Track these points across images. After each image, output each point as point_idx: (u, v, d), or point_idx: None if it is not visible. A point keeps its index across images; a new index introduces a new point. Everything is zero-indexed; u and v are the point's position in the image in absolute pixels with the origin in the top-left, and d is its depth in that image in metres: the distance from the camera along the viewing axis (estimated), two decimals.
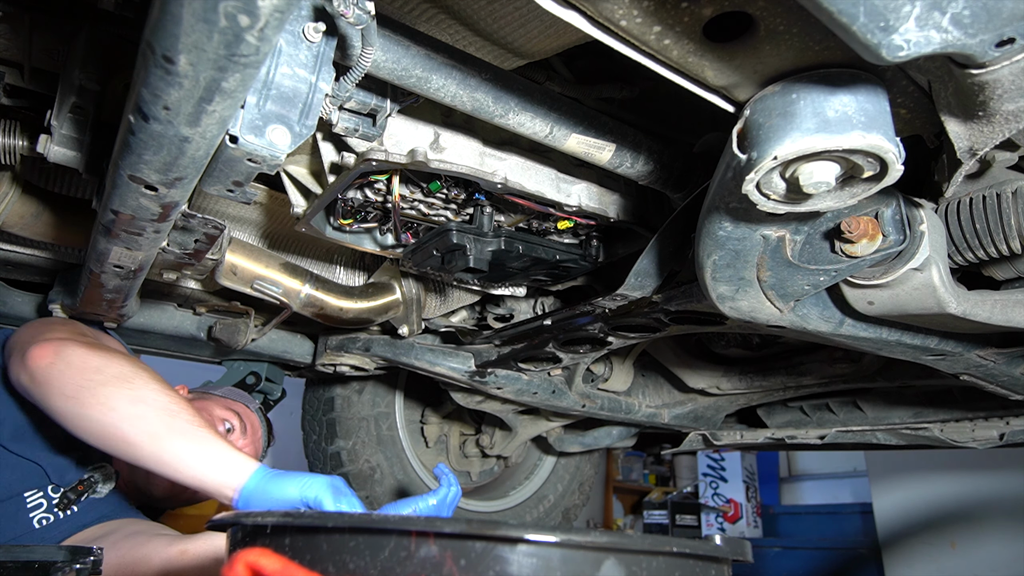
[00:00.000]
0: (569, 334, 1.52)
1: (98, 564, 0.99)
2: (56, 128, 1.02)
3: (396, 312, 1.66)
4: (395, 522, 0.58)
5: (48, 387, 1.11)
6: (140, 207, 0.91)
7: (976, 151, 0.75)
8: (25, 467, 1.37)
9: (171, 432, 1.08)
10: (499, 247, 1.26)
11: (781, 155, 0.67)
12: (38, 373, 1.12)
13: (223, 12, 0.53)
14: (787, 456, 6.06)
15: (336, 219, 1.27)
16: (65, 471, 1.43)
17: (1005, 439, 1.60)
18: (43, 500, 1.37)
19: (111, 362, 1.14)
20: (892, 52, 0.57)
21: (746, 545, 0.67)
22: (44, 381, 1.12)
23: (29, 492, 1.36)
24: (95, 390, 1.09)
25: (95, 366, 1.12)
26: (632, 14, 0.66)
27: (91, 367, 1.12)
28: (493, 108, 0.93)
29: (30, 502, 1.36)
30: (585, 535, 0.57)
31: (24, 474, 1.37)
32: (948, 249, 0.93)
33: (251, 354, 1.99)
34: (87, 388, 1.09)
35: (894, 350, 1.14)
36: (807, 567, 4.65)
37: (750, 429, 2.11)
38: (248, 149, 0.78)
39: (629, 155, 1.09)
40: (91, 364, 1.12)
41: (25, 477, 1.37)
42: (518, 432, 2.33)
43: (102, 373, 1.11)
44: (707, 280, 0.97)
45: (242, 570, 0.54)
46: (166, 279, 1.41)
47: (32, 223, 1.36)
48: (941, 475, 3.79)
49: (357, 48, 0.82)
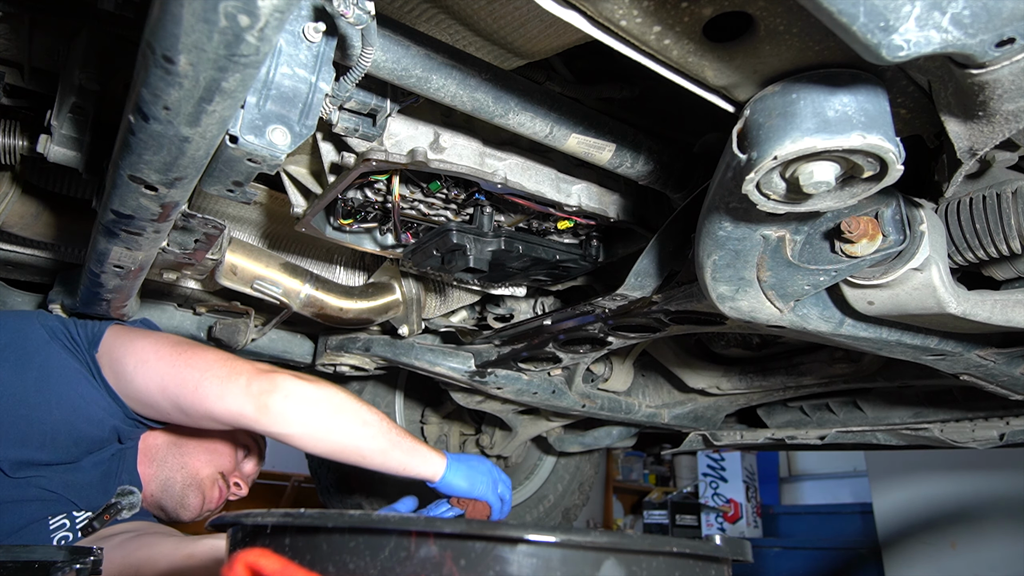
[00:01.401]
0: (569, 334, 1.52)
1: (98, 564, 0.99)
2: (56, 128, 1.02)
3: (396, 312, 1.66)
4: (395, 522, 0.58)
5: (285, 417, 1.32)
6: (140, 207, 0.91)
7: (976, 151, 0.75)
8: (49, 496, 1.38)
9: (393, 446, 1.41)
10: (499, 247, 1.26)
11: (781, 155, 0.67)
12: (274, 407, 1.31)
13: (223, 12, 0.53)
14: (787, 456, 6.06)
15: (336, 219, 1.27)
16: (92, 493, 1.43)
17: (1005, 439, 1.60)
18: (66, 521, 1.39)
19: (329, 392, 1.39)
20: (892, 52, 0.57)
21: (746, 545, 0.67)
22: (281, 413, 1.31)
23: (52, 517, 1.38)
24: (333, 417, 1.36)
25: (321, 396, 1.36)
26: (632, 14, 0.66)
27: (321, 399, 1.36)
28: (493, 108, 0.93)
29: (53, 524, 1.37)
30: (585, 535, 0.57)
31: (49, 501, 1.38)
32: (948, 249, 0.93)
33: (251, 354, 1.98)
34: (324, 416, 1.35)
35: (894, 350, 1.13)
36: (807, 567, 4.65)
37: (750, 429, 2.11)
38: (248, 149, 0.78)
39: (629, 155, 1.09)
40: (319, 396, 1.36)
41: (50, 504, 1.38)
42: (518, 432, 2.33)
43: (330, 403, 1.37)
44: (707, 280, 0.97)
45: (242, 570, 0.54)
46: (166, 279, 1.41)
47: (32, 223, 1.36)
48: (941, 475, 3.79)
49: (357, 48, 0.82)
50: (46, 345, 1.37)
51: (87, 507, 1.42)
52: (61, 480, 1.39)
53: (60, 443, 1.36)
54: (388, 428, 1.42)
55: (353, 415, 1.39)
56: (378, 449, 1.39)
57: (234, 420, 1.33)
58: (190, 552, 1.28)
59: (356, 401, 1.42)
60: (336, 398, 1.39)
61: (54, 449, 1.35)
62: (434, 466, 1.47)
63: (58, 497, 1.39)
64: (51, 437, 1.34)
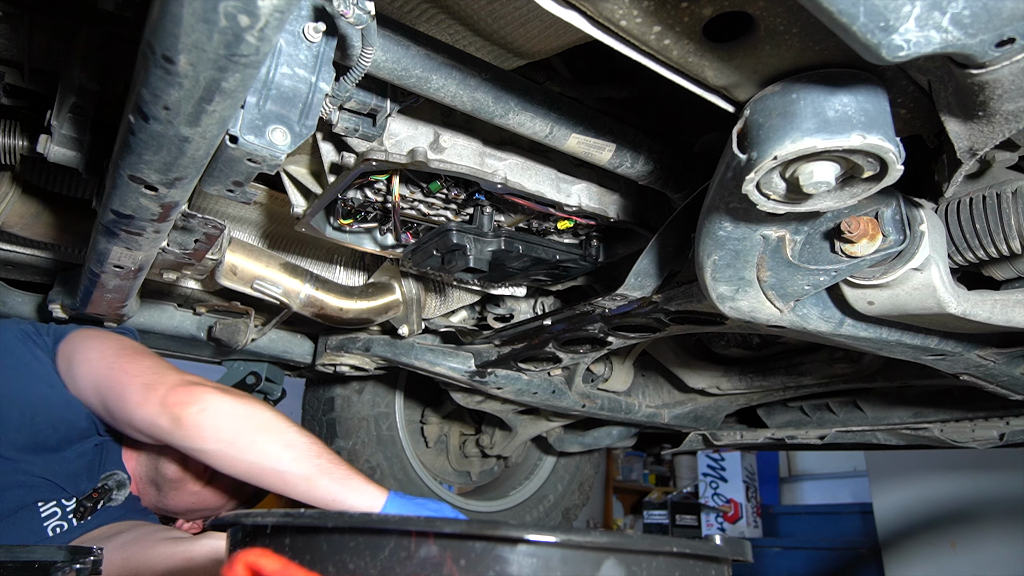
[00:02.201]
0: (569, 334, 1.52)
1: (98, 564, 0.99)
2: (56, 128, 1.02)
3: (396, 312, 1.66)
4: (395, 522, 0.58)
5: (200, 431, 1.24)
6: (140, 207, 0.91)
7: (976, 151, 0.75)
8: (36, 481, 1.39)
9: (320, 473, 1.27)
10: (499, 247, 1.26)
11: (781, 155, 0.67)
12: (188, 420, 1.24)
13: (223, 12, 0.53)
14: (787, 456, 6.07)
15: (336, 219, 1.27)
16: (78, 481, 1.44)
17: (1005, 439, 1.60)
18: (57, 509, 1.40)
19: (253, 408, 1.31)
20: (892, 52, 0.57)
21: (746, 545, 0.67)
22: (195, 426, 1.24)
23: (43, 503, 1.38)
24: (251, 436, 1.26)
25: (244, 413, 1.28)
26: (632, 14, 0.66)
27: (241, 414, 1.28)
28: (493, 108, 0.93)
29: (44, 511, 1.38)
30: (585, 535, 0.57)
31: (37, 487, 1.39)
32: (948, 249, 0.93)
33: (251, 354, 1.99)
34: (243, 435, 1.26)
35: (894, 350, 1.13)
36: (807, 567, 4.65)
37: (750, 429, 2.11)
38: (248, 149, 0.78)
39: (629, 155, 1.09)
40: (240, 412, 1.28)
41: (37, 489, 1.38)
42: (518, 432, 2.33)
43: (252, 420, 1.28)
44: (707, 280, 0.97)
45: (242, 570, 0.54)
46: (166, 279, 1.41)
47: (32, 223, 1.36)
48: (941, 475, 3.79)
49: (357, 48, 0.81)
50: (18, 344, 1.41)
51: (76, 495, 1.43)
52: (45, 466, 1.40)
53: (40, 425, 1.38)
54: (317, 453, 1.30)
55: (276, 435, 1.28)
56: (301, 475, 1.27)
57: (150, 430, 1.29)
58: (188, 555, 1.29)
59: (284, 422, 1.33)
60: (260, 416, 1.30)
61: (33, 431, 1.37)
62: (368, 501, 1.30)
63: (44, 483, 1.39)
64: (30, 419, 1.37)
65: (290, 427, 1.32)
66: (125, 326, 1.61)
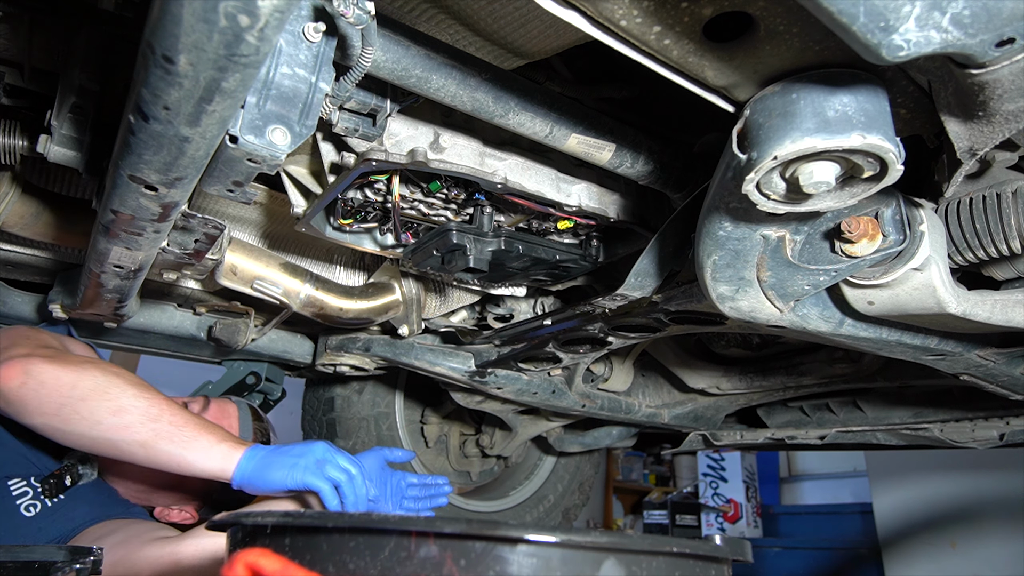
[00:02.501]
0: (569, 334, 1.52)
1: (98, 564, 0.99)
2: (56, 128, 1.02)
3: (396, 312, 1.66)
4: (395, 522, 0.58)
5: (24, 406, 1.15)
6: (140, 207, 0.91)
7: (976, 151, 0.75)
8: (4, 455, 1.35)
9: (158, 437, 1.16)
10: (499, 247, 1.26)
11: (781, 155, 0.67)
12: (11, 395, 1.15)
13: (223, 12, 0.53)
14: (787, 456, 6.06)
15: (336, 219, 1.27)
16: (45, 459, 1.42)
17: (1005, 439, 1.60)
18: (28, 488, 1.36)
19: (83, 375, 1.18)
20: (892, 52, 0.57)
21: (746, 545, 0.67)
22: (19, 401, 1.15)
23: (12, 480, 1.35)
24: (75, 406, 1.14)
25: (69, 382, 1.16)
26: (632, 14, 0.66)
27: (65, 383, 1.16)
28: (493, 108, 0.93)
29: (15, 490, 1.34)
30: (585, 535, 0.57)
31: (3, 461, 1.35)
32: (948, 249, 0.93)
33: (251, 354, 1.99)
34: (67, 405, 1.14)
35: (894, 350, 1.13)
36: (807, 567, 4.65)
37: (750, 429, 2.11)
38: (248, 149, 0.78)
39: (629, 155, 1.09)
40: (64, 380, 1.16)
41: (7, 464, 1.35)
42: (518, 432, 2.32)
43: (77, 388, 1.16)
44: (707, 280, 0.97)
45: (242, 570, 0.54)
46: (166, 279, 1.41)
47: (32, 223, 1.36)
48: (941, 475, 3.79)
49: (357, 48, 0.82)
50: None
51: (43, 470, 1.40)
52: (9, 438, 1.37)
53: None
54: (154, 416, 1.17)
55: (104, 402, 1.16)
56: (136, 441, 1.15)
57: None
58: (176, 558, 1.26)
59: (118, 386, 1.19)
60: (87, 383, 1.17)
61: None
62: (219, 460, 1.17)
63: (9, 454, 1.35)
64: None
65: (124, 391, 1.19)
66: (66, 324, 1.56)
